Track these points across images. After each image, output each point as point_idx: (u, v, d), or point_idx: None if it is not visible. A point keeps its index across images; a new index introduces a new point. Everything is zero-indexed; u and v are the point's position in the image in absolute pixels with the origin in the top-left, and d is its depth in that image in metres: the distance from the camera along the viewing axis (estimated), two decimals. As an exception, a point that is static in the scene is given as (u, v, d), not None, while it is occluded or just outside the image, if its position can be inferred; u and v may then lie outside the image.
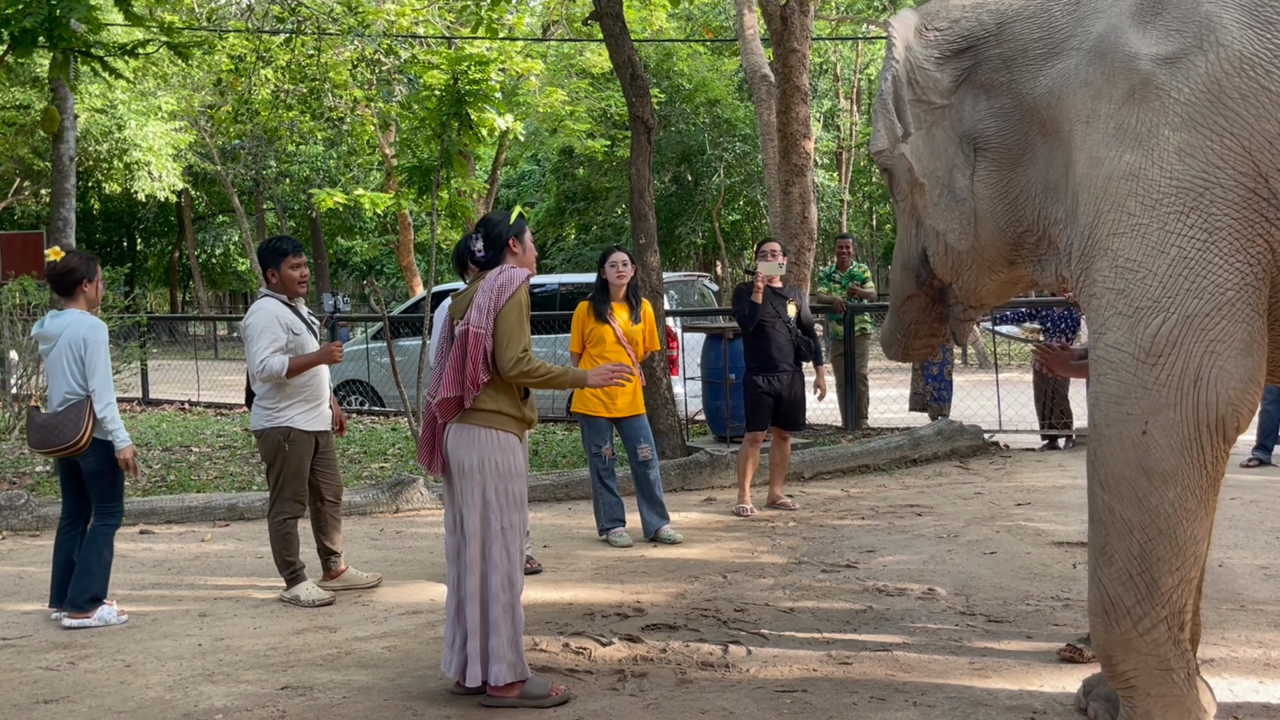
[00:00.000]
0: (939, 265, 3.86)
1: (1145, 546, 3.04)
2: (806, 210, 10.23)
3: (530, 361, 3.94)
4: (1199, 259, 2.98)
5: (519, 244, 4.16)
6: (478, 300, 3.97)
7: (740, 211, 27.32)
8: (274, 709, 3.92)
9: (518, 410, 4.02)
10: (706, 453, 8.41)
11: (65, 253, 5.27)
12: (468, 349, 3.93)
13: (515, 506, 3.96)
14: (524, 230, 4.20)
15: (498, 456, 3.94)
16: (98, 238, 36.86)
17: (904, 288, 4.09)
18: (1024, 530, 6.40)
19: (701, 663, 4.30)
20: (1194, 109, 3.01)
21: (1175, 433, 2.99)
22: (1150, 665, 3.11)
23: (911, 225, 3.93)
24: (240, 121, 17.88)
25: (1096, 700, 3.57)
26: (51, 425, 5.05)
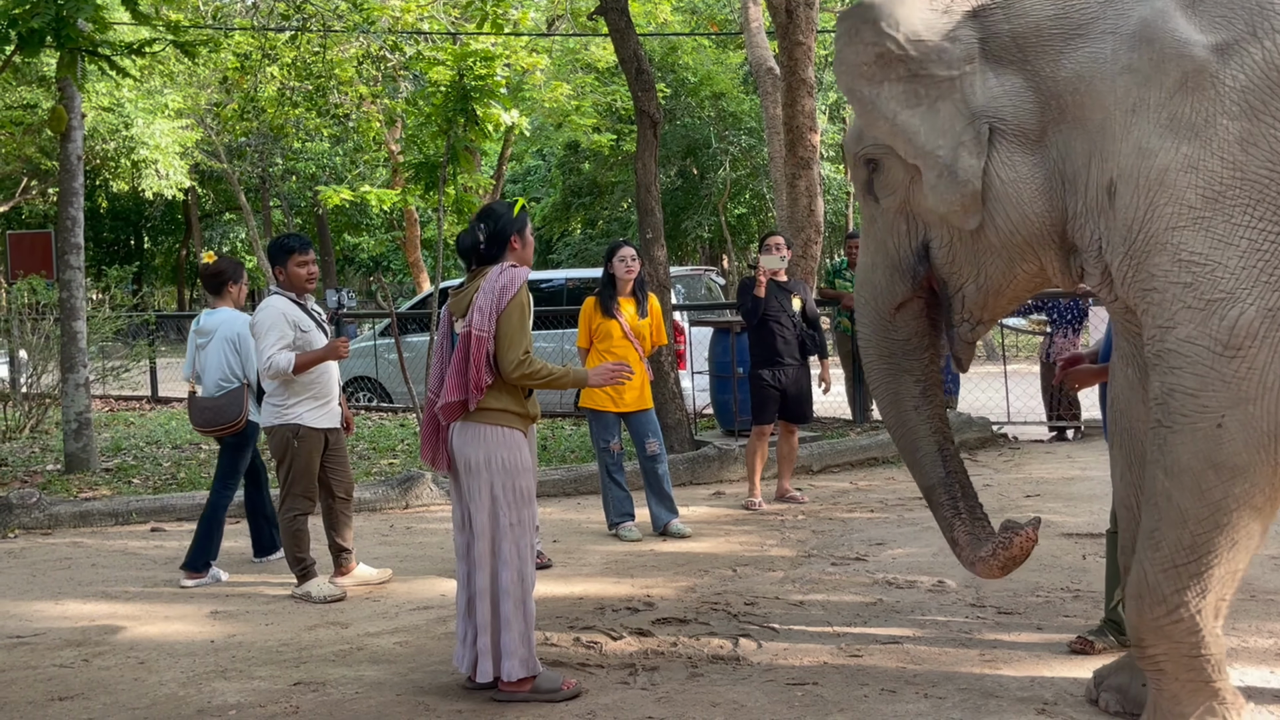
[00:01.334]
0: (951, 260, 3.50)
1: (1198, 538, 3.02)
2: (813, 203, 10.22)
3: (532, 364, 3.93)
4: (1273, 250, 2.92)
5: (520, 240, 4.14)
6: (479, 302, 3.95)
7: (746, 205, 27.27)
8: (286, 705, 3.94)
9: (521, 407, 4.02)
10: (715, 446, 8.42)
11: (217, 258, 6.11)
12: (470, 352, 3.92)
13: (523, 502, 3.96)
14: (526, 225, 4.18)
15: (503, 453, 3.94)
16: (105, 236, 36.92)
17: (894, 294, 3.66)
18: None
19: (712, 656, 4.31)
20: (1252, 96, 2.95)
21: (1253, 428, 2.94)
22: (1181, 652, 3.12)
23: (901, 222, 3.58)
24: (246, 119, 17.87)
25: (1108, 690, 3.58)
26: (216, 408, 5.79)
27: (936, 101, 3.39)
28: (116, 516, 7.27)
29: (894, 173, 3.52)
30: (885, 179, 3.56)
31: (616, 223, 26.76)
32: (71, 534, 7.03)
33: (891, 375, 3.74)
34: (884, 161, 3.54)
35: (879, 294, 3.69)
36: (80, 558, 6.38)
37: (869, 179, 3.60)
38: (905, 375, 3.72)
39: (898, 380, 3.74)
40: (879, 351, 3.76)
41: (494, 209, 4.19)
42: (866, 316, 3.76)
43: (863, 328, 3.79)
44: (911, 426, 3.73)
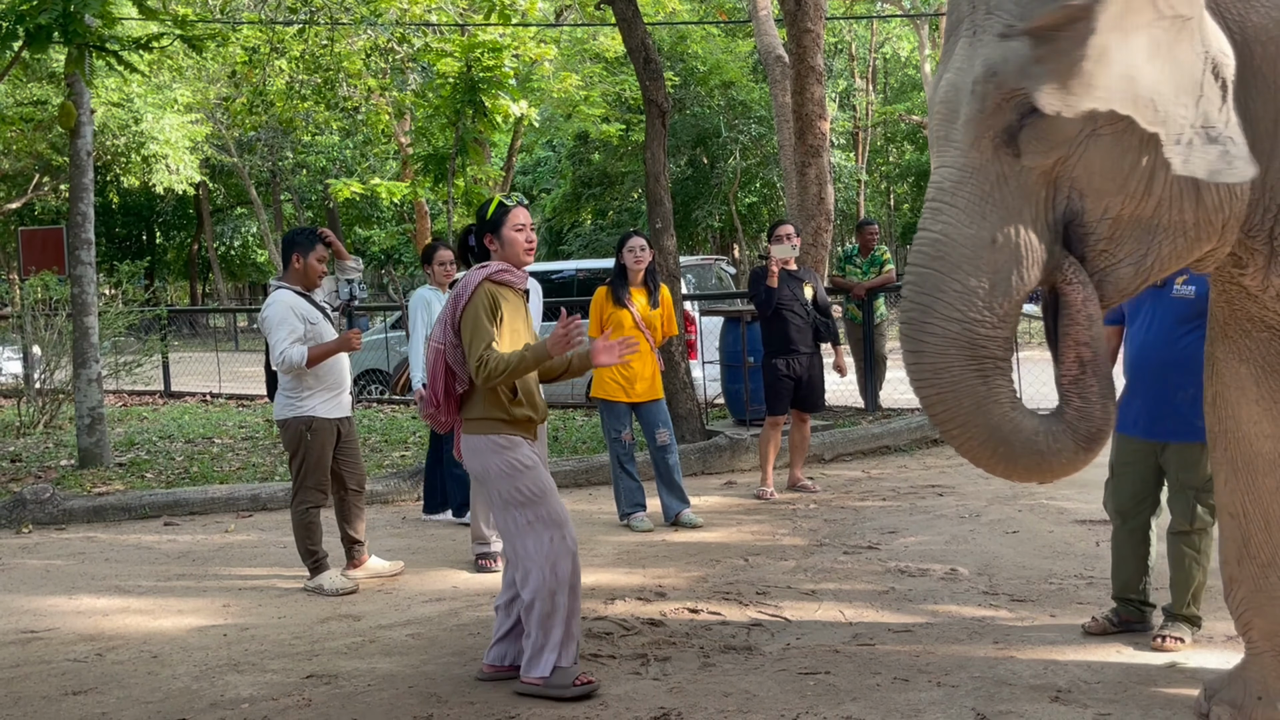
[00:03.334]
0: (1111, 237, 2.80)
1: None
2: (823, 191, 10.19)
3: (489, 363, 3.77)
4: None
5: (495, 239, 4.02)
6: (441, 312, 3.96)
7: (757, 194, 27.23)
8: (300, 697, 3.95)
9: (505, 412, 3.91)
10: (726, 436, 8.40)
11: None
12: (433, 365, 3.93)
13: (533, 500, 3.88)
14: (501, 223, 4.02)
15: (496, 460, 3.89)
16: (117, 231, 37.07)
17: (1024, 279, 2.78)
18: (1046, 509, 6.37)
19: (724, 646, 4.30)
20: None
21: None
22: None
23: (1044, 188, 2.77)
24: (255, 113, 17.93)
25: (1220, 705, 3.38)
26: None
27: (1173, 47, 2.72)
28: (130, 511, 7.29)
29: (1064, 126, 2.70)
30: (1047, 131, 2.71)
31: (627, 213, 26.75)
32: (85, 529, 7.05)
33: (982, 378, 2.81)
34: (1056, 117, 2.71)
35: (1002, 280, 2.77)
36: (94, 552, 6.40)
37: (1017, 127, 2.73)
38: (1000, 376, 2.83)
39: (990, 381, 2.81)
40: (970, 353, 2.79)
41: (481, 207, 4.15)
42: (961, 309, 2.78)
43: (947, 323, 2.79)
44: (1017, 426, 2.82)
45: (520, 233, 4.04)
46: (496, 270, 3.97)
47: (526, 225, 4.08)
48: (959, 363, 2.80)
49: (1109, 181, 2.74)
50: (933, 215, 2.86)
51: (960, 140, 2.81)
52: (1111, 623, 4.23)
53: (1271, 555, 3.23)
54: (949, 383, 2.81)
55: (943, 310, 2.80)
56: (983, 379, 2.81)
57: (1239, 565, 3.30)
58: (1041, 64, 2.71)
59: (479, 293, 3.89)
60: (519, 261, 4.04)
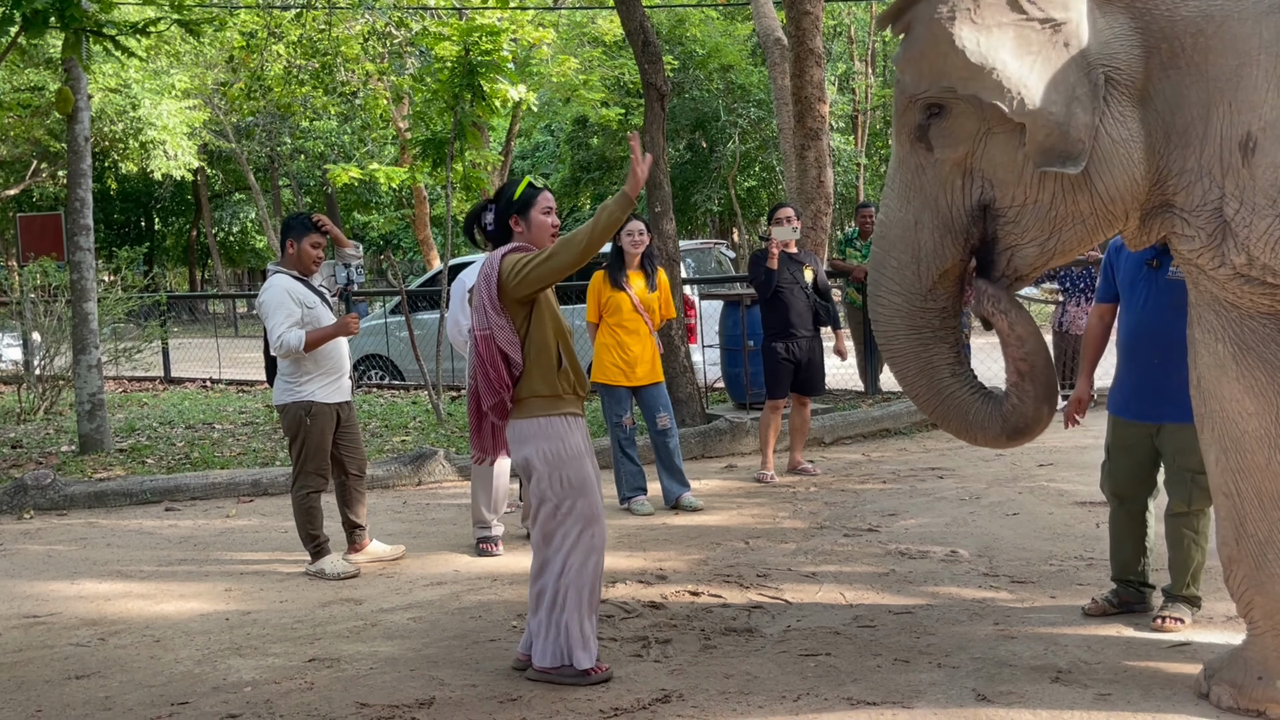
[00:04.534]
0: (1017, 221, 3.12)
1: None
2: (822, 174, 10.17)
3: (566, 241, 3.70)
4: None
5: (521, 221, 3.94)
6: (476, 299, 3.88)
7: (756, 177, 27.17)
8: (302, 681, 3.96)
9: (551, 387, 3.82)
10: (726, 420, 8.41)
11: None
12: (483, 355, 3.84)
13: (574, 491, 3.80)
14: (530, 205, 3.94)
15: (544, 445, 3.81)
16: (115, 218, 37.01)
17: (942, 258, 3.19)
18: (1046, 491, 6.38)
19: (725, 628, 4.31)
20: None
21: None
22: None
23: (958, 177, 3.13)
24: (253, 98, 17.88)
25: (1220, 685, 3.40)
26: None
27: (1049, 49, 2.98)
28: (131, 496, 7.30)
29: (962, 122, 3.06)
30: (949, 128, 3.09)
31: (626, 197, 26.66)
32: (86, 514, 7.06)
33: (922, 345, 3.28)
34: (952, 108, 3.07)
35: (923, 257, 3.20)
36: (95, 538, 6.41)
37: (925, 125, 3.13)
38: (939, 344, 3.28)
39: (930, 349, 3.28)
40: (910, 322, 3.26)
41: (503, 189, 4.05)
42: (899, 283, 3.24)
43: (890, 295, 3.26)
44: (952, 393, 3.32)
45: (547, 216, 3.96)
46: (516, 246, 3.89)
47: (553, 209, 4.01)
48: (903, 331, 3.28)
49: (1007, 173, 3.08)
50: (884, 199, 3.35)
51: (895, 132, 3.25)
52: (1111, 604, 4.24)
53: (1268, 532, 3.24)
54: (899, 349, 3.32)
55: (886, 284, 3.28)
56: (923, 346, 3.29)
57: (1237, 545, 3.30)
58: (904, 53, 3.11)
59: (505, 259, 3.81)
60: (544, 245, 3.92)
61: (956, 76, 3.01)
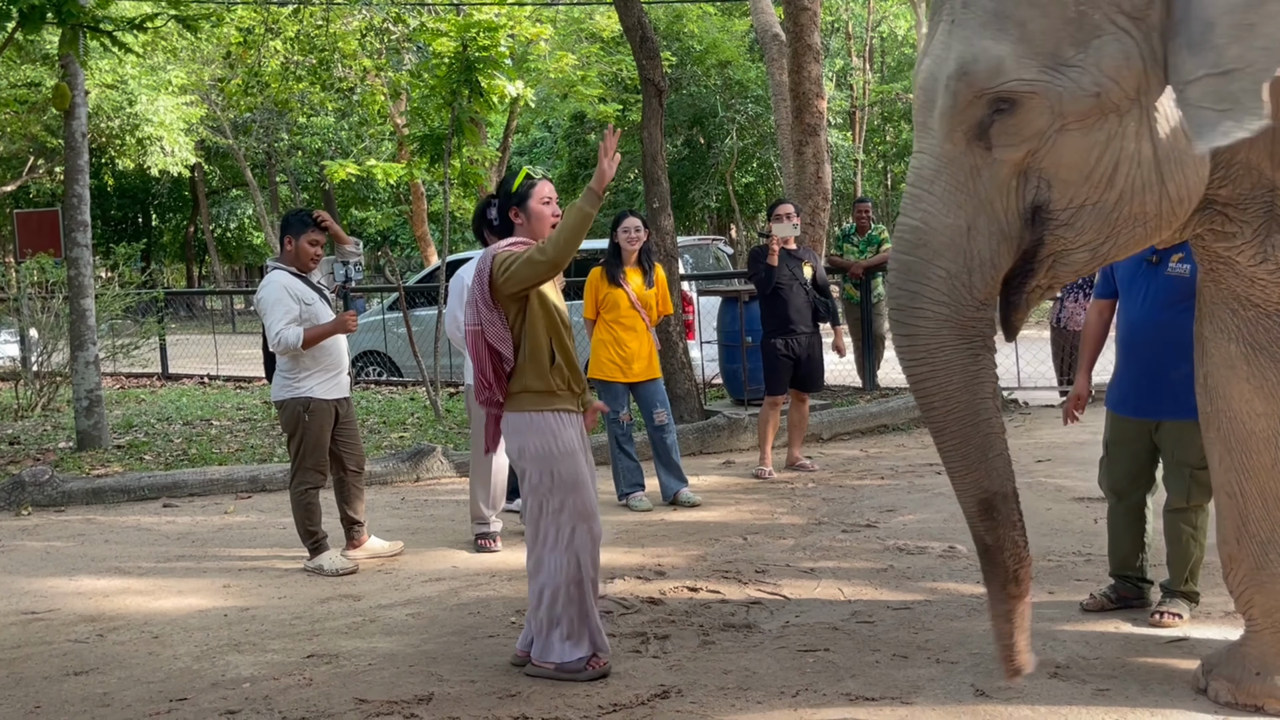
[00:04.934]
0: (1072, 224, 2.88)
1: None
2: (820, 170, 10.17)
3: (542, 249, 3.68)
4: None
5: (521, 213, 3.92)
6: (469, 295, 3.86)
7: (754, 174, 27.17)
8: (301, 677, 3.96)
9: (544, 383, 3.79)
10: (724, 416, 8.41)
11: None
12: (474, 350, 3.83)
13: (565, 488, 3.76)
14: (528, 195, 3.93)
15: (534, 440, 3.79)
16: (113, 214, 36.98)
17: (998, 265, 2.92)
18: (1044, 487, 6.39)
19: (723, 624, 4.32)
20: None
21: None
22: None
23: (1014, 179, 2.87)
24: (250, 94, 17.82)
25: (1218, 680, 3.38)
26: None
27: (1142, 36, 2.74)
28: (129, 493, 7.30)
29: (1033, 118, 2.78)
30: (1017, 124, 2.80)
31: (624, 193, 26.70)
32: (84, 511, 7.06)
33: (973, 356, 2.98)
34: (1025, 103, 2.78)
35: (979, 265, 2.92)
36: (93, 534, 6.41)
37: (988, 122, 2.82)
38: (986, 355, 3.01)
39: (978, 361, 2.99)
40: (960, 332, 2.95)
41: (503, 182, 4.02)
42: (947, 293, 2.93)
43: (935, 306, 2.94)
44: (987, 420, 3.05)
45: (547, 206, 3.94)
46: (514, 242, 3.87)
47: (553, 199, 3.97)
48: (952, 342, 2.96)
49: (1075, 172, 2.83)
50: (913, 203, 2.97)
51: (936, 130, 2.92)
52: (1110, 600, 4.25)
53: (1270, 533, 3.23)
54: (942, 361, 2.97)
55: (931, 295, 2.94)
56: (973, 357, 2.98)
57: (1238, 544, 3.30)
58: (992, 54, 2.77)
59: (496, 258, 3.78)
60: (543, 237, 3.88)
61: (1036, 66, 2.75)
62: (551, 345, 3.83)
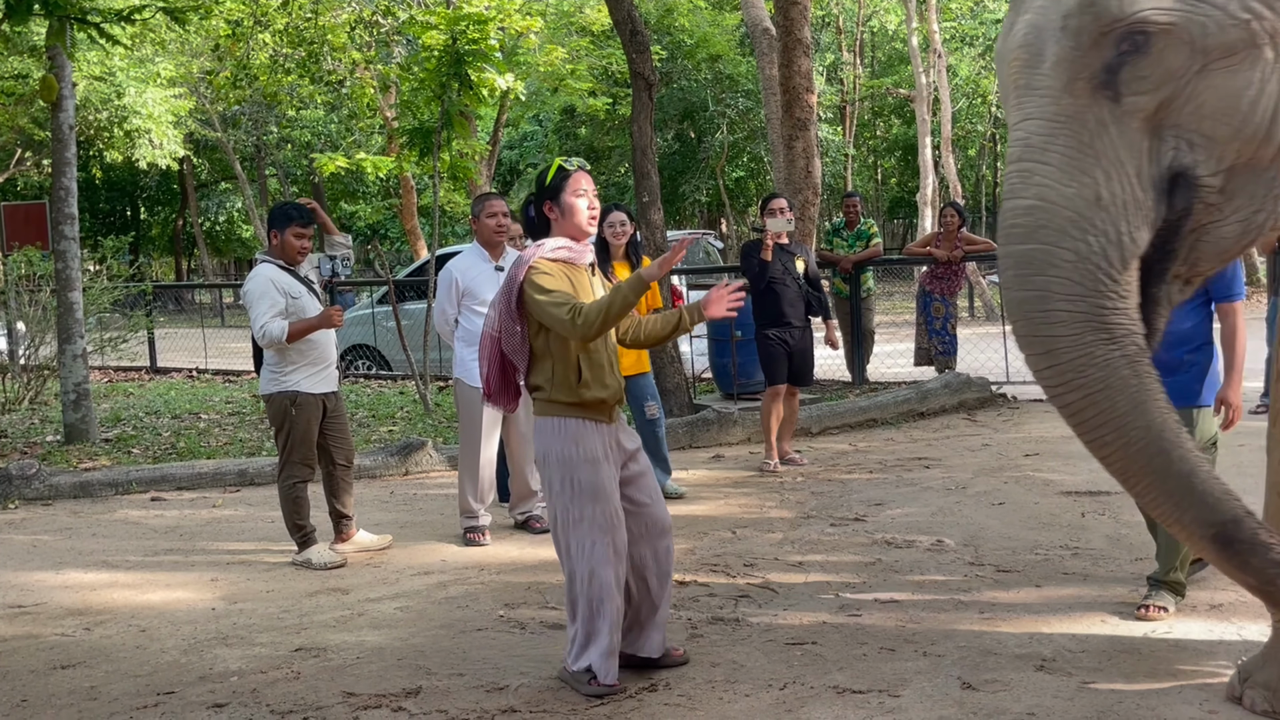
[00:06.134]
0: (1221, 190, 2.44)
1: None
2: (810, 165, 10.16)
3: (585, 312, 3.49)
4: None
5: (555, 207, 3.71)
6: (495, 297, 3.78)
7: (744, 168, 27.19)
8: (288, 670, 3.96)
9: (571, 394, 3.63)
10: (714, 410, 8.42)
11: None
12: (489, 354, 3.77)
13: (586, 497, 3.61)
14: (561, 188, 3.69)
15: (559, 446, 3.65)
16: (101, 207, 36.84)
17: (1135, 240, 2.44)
18: (1032, 481, 6.40)
19: (711, 617, 4.32)
20: None
21: None
22: None
23: (1145, 138, 2.44)
24: (239, 87, 17.77)
25: (1255, 688, 3.19)
26: None
27: None
28: (116, 486, 7.27)
29: (1169, 58, 2.37)
30: (1149, 67, 2.39)
31: (614, 187, 26.68)
32: (71, 504, 7.04)
33: (1133, 366, 2.44)
34: (1158, 40, 2.36)
35: (1114, 242, 2.43)
36: (80, 528, 6.39)
37: (1117, 65, 2.41)
38: (1145, 362, 2.47)
39: (1139, 370, 2.45)
40: (1108, 334, 2.42)
41: (540, 175, 3.84)
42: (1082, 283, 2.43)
43: (1068, 304, 2.43)
44: (1176, 442, 2.47)
45: (582, 198, 3.70)
46: (551, 249, 3.66)
47: (590, 191, 3.73)
48: (1101, 350, 2.42)
49: (1223, 125, 2.40)
50: (1023, 180, 2.50)
51: (1049, 86, 2.47)
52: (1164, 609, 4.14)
53: None
54: (1097, 379, 2.42)
55: (1061, 289, 2.42)
56: (1132, 366, 2.43)
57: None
58: None
59: (530, 271, 3.61)
60: (581, 232, 3.72)
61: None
62: (579, 362, 3.65)
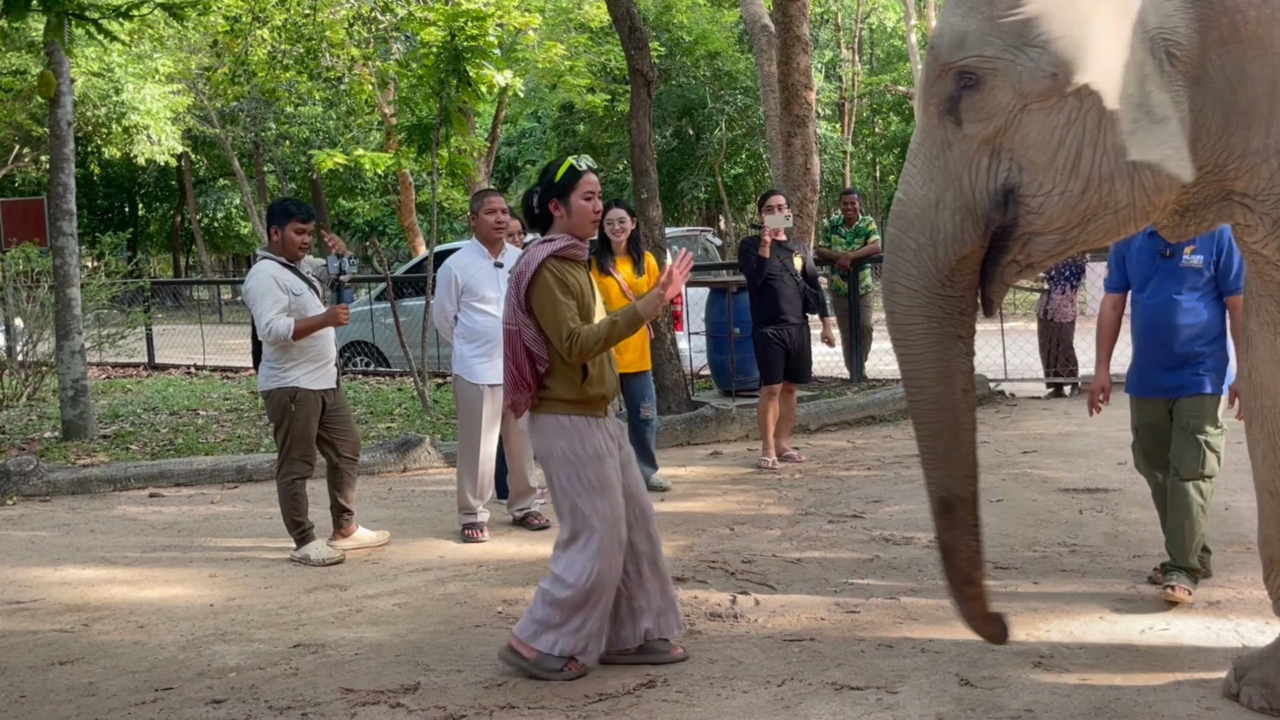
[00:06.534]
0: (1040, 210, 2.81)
1: None
2: (809, 162, 10.16)
3: (580, 339, 3.64)
4: None
5: (561, 206, 3.76)
6: (507, 293, 3.81)
7: (743, 165, 27.15)
8: (286, 666, 3.96)
9: (576, 392, 3.73)
10: (712, 407, 8.42)
11: None
12: (509, 349, 3.78)
13: (593, 491, 3.68)
14: (571, 189, 3.75)
15: (562, 443, 3.72)
16: (99, 203, 36.76)
17: (961, 241, 2.88)
18: (1030, 478, 6.41)
19: (710, 613, 4.33)
20: None
21: None
22: None
23: (985, 157, 2.83)
24: (238, 83, 17.73)
25: (1251, 685, 3.23)
26: None
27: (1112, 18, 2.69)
28: (114, 483, 7.27)
29: (998, 95, 2.76)
30: (982, 101, 2.79)
31: (613, 184, 26.66)
32: (70, 500, 7.04)
33: (941, 342, 2.96)
34: (988, 80, 2.76)
35: (942, 240, 2.90)
36: (79, 524, 6.39)
37: (956, 96, 2.83)
38: (958, 343, 2.97)
39: (949, 348, 2.97)
40: (927, 311, 2.94)
41: (547, 169, 3.87)
42: (917, 267, 2.92)
43: (907, 280, 2.94)
44: (959, 413, 3.00)
45: (589, 201, 3.78)
46: (562, 247, 3.75)
47: (596, 193, 3.81)
48: (921, 323, 2.95)
49: (1040, 155, 2.78)
50: (902, 177, 3.02)
51: (921, 106, 2.96)
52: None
53: None
54: (916, 344, 2.97)
55: (904, 268, 2.95)
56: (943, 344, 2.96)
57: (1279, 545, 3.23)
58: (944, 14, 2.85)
59: (544, 271, 3.69)
60: (585, 232, 3.81)
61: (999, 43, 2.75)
62: (586, 361, 3.75)
